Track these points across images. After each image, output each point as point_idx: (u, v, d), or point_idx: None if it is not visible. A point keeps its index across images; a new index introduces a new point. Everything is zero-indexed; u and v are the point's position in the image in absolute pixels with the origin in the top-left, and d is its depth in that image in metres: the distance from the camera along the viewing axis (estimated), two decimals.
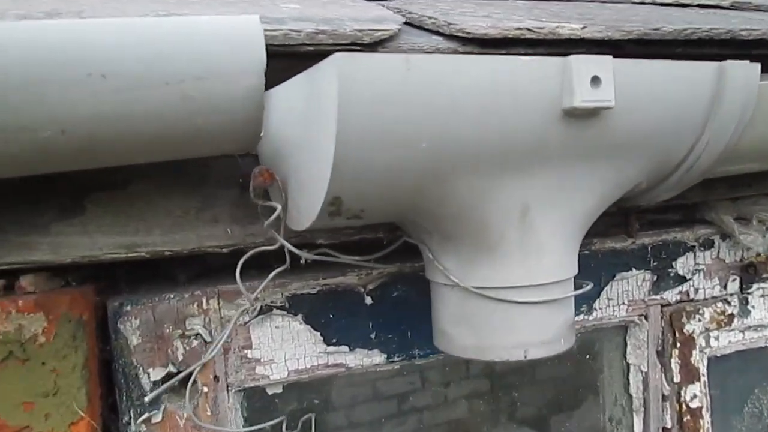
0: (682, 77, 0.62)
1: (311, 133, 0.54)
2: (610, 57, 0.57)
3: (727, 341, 1.10)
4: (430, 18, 0.80)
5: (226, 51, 0.53)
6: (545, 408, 1.07)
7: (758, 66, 0.66)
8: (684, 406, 1.06)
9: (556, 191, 0.62)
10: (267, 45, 0.63)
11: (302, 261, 0.68)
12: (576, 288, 0.69)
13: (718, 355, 1.11)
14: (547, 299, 0.64)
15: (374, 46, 0.69)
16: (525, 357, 0.65)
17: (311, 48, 0.67)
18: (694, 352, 1.07)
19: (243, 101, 0.55)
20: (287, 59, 0.67)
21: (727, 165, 0.76)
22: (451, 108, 0.52)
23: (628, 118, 0.59)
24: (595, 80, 0.56)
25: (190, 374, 0.82)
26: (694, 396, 1.07)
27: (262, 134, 0.62)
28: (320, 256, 0.70)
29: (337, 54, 0.47)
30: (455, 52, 0.72)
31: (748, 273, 1.10)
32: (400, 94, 0.49)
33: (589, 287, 0.70)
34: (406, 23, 0.83)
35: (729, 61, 0.63)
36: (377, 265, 0.85)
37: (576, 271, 0.69)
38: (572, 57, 0.55)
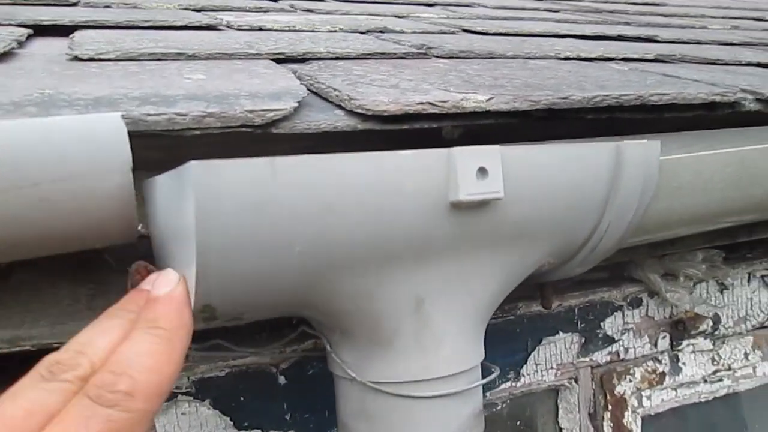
0: (578, 160, 0.60)
1: (180, 238, 0.50)
2: (498, 147, 0.55)
3: (660, 400, 1.09)
4: (335, 90, 0.78)
5: (87, 151, 0.50)
6: None
7: (658, 143, 0.65)
8: None
9: (452, 282, 0.59)
10: (150, 130, 0.60)
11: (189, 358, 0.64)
12: (484, 373, 0.67)
13: (653, 413, 1.09)
14: (448, 392, 0.61)
15: (266, 127, 0.66)
16: None
17: (198, 132, 0.64)
18: (626, 413, 1.05)
19: (109, 200, 0.52)
20: (177, 140, 0.64)
21: (635, 238, 0.74)
22: (325, 209, 0.49)
23: (522, 206, 0.57)
24: (482, 171, 0.54)
25: None
26: None
27: (140, 227, 0.59)
28: (209, 351, 0.67)
29: (192, 162, 0.44)
30: (354, 129, 0.70)
31: (678, 330, 1.09)
32: (266, 199, 0.47)
33: (495, 374, 0.67)
34: (313, 93, 0.80)
35: (626, 141, 0.62)
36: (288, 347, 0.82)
37: (482, 357, 0.66)
38: (456, 149, 0.53)
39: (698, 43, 1.70)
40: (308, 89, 0.79)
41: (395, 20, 1.66)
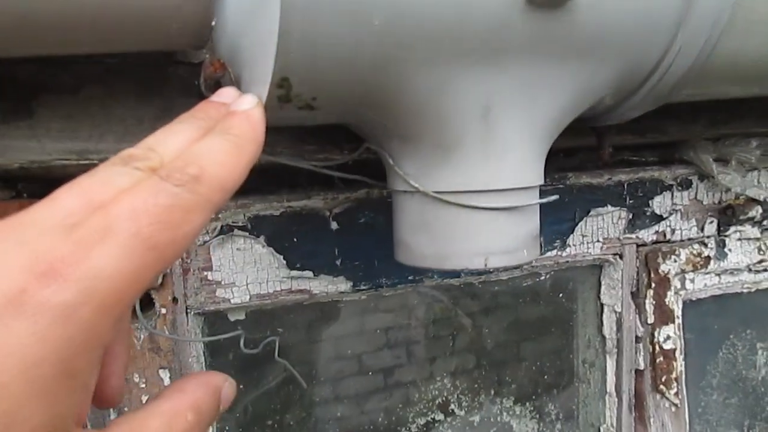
0: None
1: (259, 12, 0.51)
2: None
3: (703, 284, 1.09)
4: None
5: None
6: (519, 353, 1.06)
7: None
8: (657, 348, 1.05)
9: (521, 90, 0.59)
10: None
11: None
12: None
13: (694, 298, 1.09)
14: (509, 206, 0.62)
15: None
16: (486, 265, 0.62)
17: None
18: (669, 294, 1.05)
19: None
20: None
21: (699, 85, 0.73)
22: None
23: (597, 11, 0.56)
24: None
25: (147, 294, 0.80)
26: (668, 338, 1.05)
27: (213, 23, 0.59)
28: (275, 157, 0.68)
29: None
30: None
31: (726, 215, 1.08)
32: None
33: (554, 198, 0.67)
34: None
35: None
36: (346, 177, 0.83)
37: (542, 180, 0.66)
38: None
39: None
40: None
41: None
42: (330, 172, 0.74)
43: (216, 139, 0.44)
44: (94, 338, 0.34)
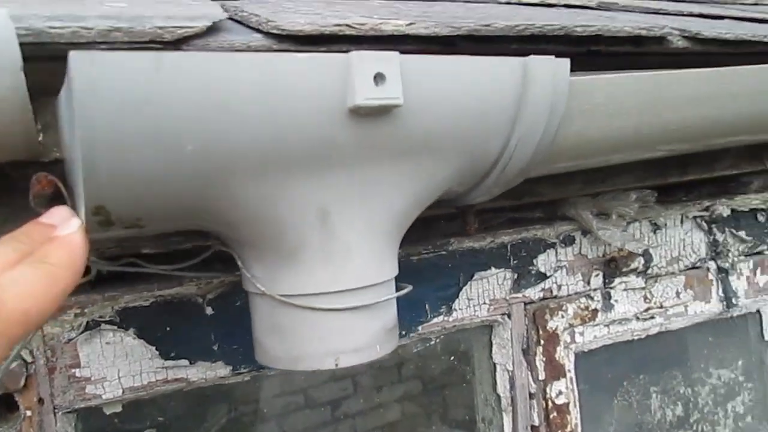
0: (484, 72, 0.60)
1: (71, 139, 0.50)
2: (396, 53, 0.55)
3: (592, 336, 1.11)
4: (255, 16, 0.77)
5: None
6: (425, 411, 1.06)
7: (567, 61, 0.65)
8: (550, 403, 1.07)
9: (357, 193, 0.59)
10: (55, 42, 0.59)
11: (102, 272, 0.64)
12: (397, 290, 0.67)
13: (585, 350, 1.12)
14: (357, 305, 0.62)
15: (177, 44, 0.65)
16: (336, 365, 0.62)
17: (105, 47, 0.63)
18: (558, 349, 1.07)
19: (2, 102, 0.51)
20: None
21: (551, 163, 0.75)
22: (218, 109, 0.49)
23: (424, 115, 0.58)
24: (380, 77, 0.54)
25: (10, 396, 0.77)
26: (560, 392, 1.07)
27: (40, 139, 0.58)
28: (124, 267, 0.66)
29: (73, 52, 0.44)
30: (269, 49, 0.69)
31: (610, 267, 1.12)
32: (151, 93, 0.46)
33: (407, 289, 0.68)
34: (235, 21, 0.80)
35: (533, 57, 0.62)
36: (214, 274, 0.82)
37: (394, 273, 0.67)
38: (353, 53, 0.53)
39: None
40: (230, 18, 0.78)
41: None
42: (183, 274, 0.73)
43: (29, 269, 0.43)
44: None
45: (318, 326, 0.62)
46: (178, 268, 0.71)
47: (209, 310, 0.84)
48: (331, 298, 0.61)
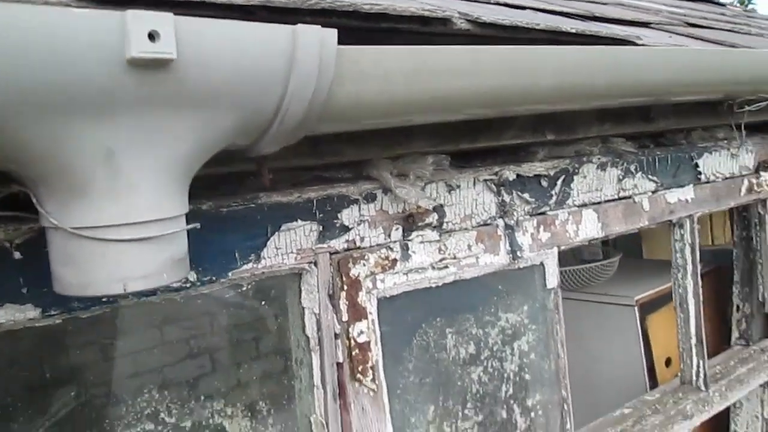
0: (257, 35, 0.70)
1: None
2: (171, 14, 0.63)
3: (392, 283, 1.26)
4: None
5: None
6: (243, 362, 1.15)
7: (334, 31, 0.77)
8: (353, 342, 1.20)
9: (141, 137, 0.67)
10: None
11: None
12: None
13: (387, 296, 1.26)
14: (142, 236, 0.70)
15: None
16: (125, 290, 0.70)
17: None
18: (360, 294, 1.21)
19: None
20: None
21: (335, 122, 0.87)
22: (2, 55, 0.55)
23: (200, 69, 0.67)
24: (155, 33, 0.62)
25: None
26: (361, 332, 1.21)
27: None
28: None
29: None
30: (68, 5, 0.76)
31: (408, 222, 1.26)
32: None
33: (194, 226, 0.77)
34: None
35: (301, 26, 0.73)
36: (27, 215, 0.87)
37: (184, 210, 0.76)
38: (129, 12, 0.61)
39: None
40: None
41: None
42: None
43: None
44: None
45: (106, 256, 0.69)
46: None
47: (17, 255, 0.89)
48: (118, 230, 0.69)
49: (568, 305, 2.65)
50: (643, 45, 1.51)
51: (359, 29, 1.04)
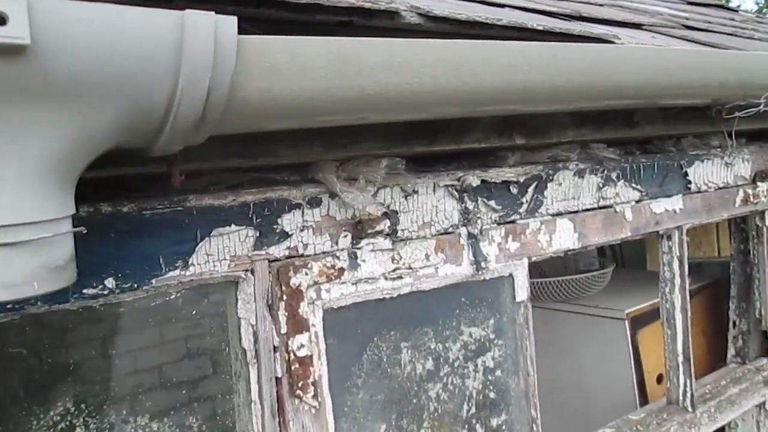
0: (136, 22, 0.64)
1: None
2: None
3: (339, 293, 1.18)
4: None
5: None
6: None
7: (233, 19, 0.70)
8: (293, 355, 1.13)
9: (8, 134, 0.61)
10: None
11: None
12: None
13: (334, 306, 1.18)
14: (6, 242, 0.64)
15: None
16: None
17: None
18: (302, 304, 1.13)
19: None
20: None
21: (244, 120, 0.80)
22: None
23: (62, 59, 0.60)
24: (3, 16, 0.55)
25: None
26: (302, 345, 1.13)
27: None
28: None
29: None
30: None
31: (357, 229, 1.19)
32: None
33: (79, 230, 0.70)
34: None
35: (190, 11, 0.66)
36: None
37: (67, 212, 0.69)
38: None
39: None
40: None
41: None
42: None
43: None
44: None
45: None
46: None
47: None
48: None
49: (557, 317, 2.56)
50: (620, 44, 1.42)
51: (294, 22, 0.97)
